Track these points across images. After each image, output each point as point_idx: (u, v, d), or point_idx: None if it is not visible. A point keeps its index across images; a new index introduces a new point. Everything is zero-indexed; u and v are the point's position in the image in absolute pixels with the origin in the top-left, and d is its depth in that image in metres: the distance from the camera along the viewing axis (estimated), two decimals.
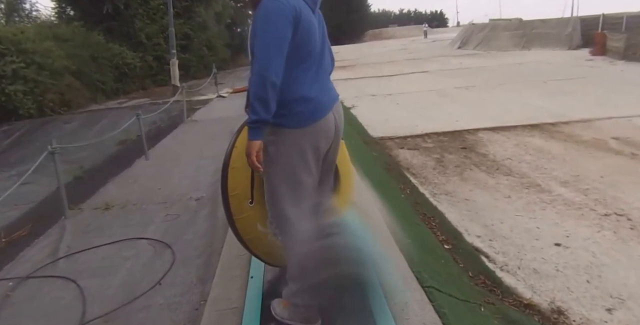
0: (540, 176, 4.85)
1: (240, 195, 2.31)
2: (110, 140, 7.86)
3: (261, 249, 2.47)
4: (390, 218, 3.18)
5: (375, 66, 20.98)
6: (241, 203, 2.32)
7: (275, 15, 1.83)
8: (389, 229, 2.96)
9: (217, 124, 9.18)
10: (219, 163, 5.67)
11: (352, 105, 10.28)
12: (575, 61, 16.77)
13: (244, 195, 2.31)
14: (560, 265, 3.04)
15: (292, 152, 1.99)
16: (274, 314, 2.23)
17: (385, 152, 6.14)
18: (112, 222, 4.35)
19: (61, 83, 14.25)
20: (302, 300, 2.11)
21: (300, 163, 2.01)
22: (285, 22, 1.83)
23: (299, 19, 1.87)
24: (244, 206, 2.32)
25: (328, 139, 2.09)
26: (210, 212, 4.28)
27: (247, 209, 2.32)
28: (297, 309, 2.14)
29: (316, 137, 2.02)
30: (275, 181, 2.05)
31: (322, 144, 2.06)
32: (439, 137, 6.78)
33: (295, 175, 2.02)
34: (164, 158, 6.78)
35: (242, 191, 2.31)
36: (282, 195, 2.05)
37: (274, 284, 2.64)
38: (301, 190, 2.05)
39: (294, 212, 2.05)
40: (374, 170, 5.12)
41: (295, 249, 2.06)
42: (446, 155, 5.84)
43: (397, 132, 7.24)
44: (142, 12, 20.89)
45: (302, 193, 2.06)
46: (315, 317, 2.16)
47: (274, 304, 2.27)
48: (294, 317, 2.15)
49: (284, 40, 1.84)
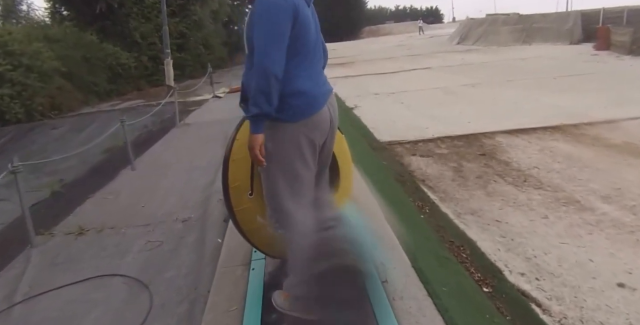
0: (576, 189, 4.24)
1: (240, 187, 2.34)
2: (96, 148, 7.25)
3: (261, 240, 2.52)
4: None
5: (375, 63, 20.32)
6: (241, 195, 2.35)
7: (276, 10, 1.85)
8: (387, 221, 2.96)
9: (211, 128, 8.56)
10: (210, 175, 4.91)
11: (354, 105, 9.65)
12: (580, 56, 16.14)
13: (244, 187, 2.35)
14: (632, 315, 2.43)
15: (289, 146, 2.02)
16: (275, 306, 2.27)
17: (396, 160, 5.53)
18: (84, 251, 3.75)
19: (51, 86, 13.63)
20: (302, 291, 2.15)
21: (298, 157, 2.04)
22: (285, 18, 1.86)
23: (297, 13, 1.89)
24: (244, 198, 2.36)
25: (324, 132, 2.11)
26: (197, 240, 3.67)
27: (247, 201, 2.37)
28: (297, 300, 2.19)
29: (312, 131, 2.04)
30: (274, 175, 2.07)
31: (318, 137, 2.08)
32: (453, 141, 6.16)
33: (293, 169, 2.05)
34: (152, 168, 6.17)
35: (243, 183, 2.34)
36: (280, 189, 2.07)
37: (274, 276, 2.65)
38: (299, 184, 2.08)
39: (293, 206, 2.07)
40: (386, 183, 4.53)
41: (295, 242, 2.10)
42: (464, 163, 5.23)
43: (406, 136, 6.63)
44: (136, 11, 20.22)
45: (300, 186, 2.09)
46: (315, 308, 2.16)
47: (275, 295, 2.31)
48: (295, 308, 2.20)
49: (284, 35, 1.87)
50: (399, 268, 2.55)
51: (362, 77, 15.29)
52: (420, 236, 3.37)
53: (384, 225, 3.11)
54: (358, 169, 4.15)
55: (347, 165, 2.71)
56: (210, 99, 13.19)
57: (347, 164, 2.71)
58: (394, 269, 2.52)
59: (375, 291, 2.26)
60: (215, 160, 5.99)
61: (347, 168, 2.71)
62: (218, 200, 4.41)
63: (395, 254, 2.72)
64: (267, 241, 2.46)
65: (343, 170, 2.63)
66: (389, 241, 2.87)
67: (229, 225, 3.53)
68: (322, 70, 2.22)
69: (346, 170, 2.69)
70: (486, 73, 13.16)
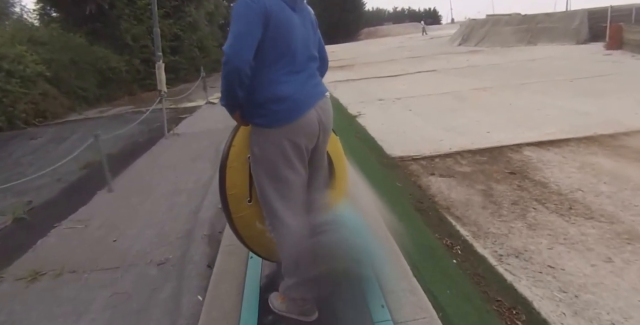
0: (636, 220, 3.49)
1: (238, 194, 2.31)
2: (74, 163, 6.50)
3: (260, 245, 2.50)
4: None
5: (376, 65, 19.57)
6: (240, 201, 2.32)
7: (244, 10, 1.88)
8: (384, 222, 2.82)
9: (201, 139, 7.81)
10: (196, 200, 4.37)
11: (358, 113, 8.88)
12: (593, 56, 15.42)
13: (242, 194, 2.31)
14: None
15: (273, 151, 2.02)
16: (272, 308, 2.28)
17: (412, 181, 4.77)
18: (33, 305, 2.99)
19: (35, 91, 12.83)
20: (298, 294, 2.17)
21: (282, 161, 2.04)
22: (255, 18, 1.87)
23: (270, 16, 1.90)
24: (243, 205, 2.33)
25: (311, 136, 2.09)
26: (172, 295, 2.91)
27: (245, 208, 2.34)
28: (294, 302, 2.20)
29: (297, 135, 2.02)
30: (262, 179, 2.10)
31: (304, 141, 2.06)
32: (475, 156, 5.41)
33: (278, 173, 2.06)
34: (131, 190, 5.41)
35: (240, 190, 2.30)
36: (269, 193, 2.09)
37: (271, 278, 2.66)
38: (287, 188, 2.09)
39: (282, 209, 2.09)
40: (404, 213, 3.78)
41: (286, 245, 2.12)
42: (493, 185, 4.47)
43: (420, 150, 5.87)
44: (128, 12, 19.38)
45: (288, 190, 2.09)
46: (312, 310, 2.20)
47: (272, 297, 2.32)
48: (291, 310, 2.21)
49: (252, 35, 1.87)
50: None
51: (364, 80, 14.54)
52: (458, 292, 2.62)
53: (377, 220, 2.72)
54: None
55: (341, 165, 2.67)
56: (203, 106, 12.42)
57: (341, 165, 2.67)
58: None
59: (372, 293, 2.30)
60: (203, 181, 5.24)
61: (341, 169, 2.67)
62: (202, 236, 3.67)
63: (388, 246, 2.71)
64: (266, 246, 2.46)
65: (338, 171, 2.59)
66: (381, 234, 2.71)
67: (212, 277, 2.82)
68: (314, 74, 2.16)
69: (341, 171, 2.65)
70: (496, 76, 12.42)
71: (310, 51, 2.12)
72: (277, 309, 2.25)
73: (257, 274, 2.74)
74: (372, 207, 2.59)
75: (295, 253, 2.08)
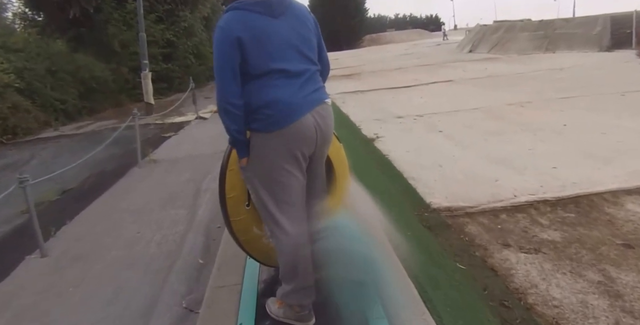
0: None
1: (237, 198, 2.29)
2: (14, 205, 4.93)
3: (257, 250, 2.50)
4: None
5: (385, 74, 18.00)
6: (238, 205, 2.31)
7: (219, 37, 1.93)
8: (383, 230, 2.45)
9: (182, 169, 6.23)
10: (155, 286, 3.30)
11: (375, 136, 7.26)
12: (628, 64, 13.86)
13: (241, 198, 2.30)
14: None
15: (266, 155, 2.01)
16: (269, 313, 2.27)
17: (479, 259, 3.13)
18: None
19: (2, 105, 11.31)
20: (295, 299, 2.16)
21: (277, 166, 2.01)
22: (230, 49, 1.90)
23: (240, 40, 1.90)
24: (241, 208, 2.32)
25: (308, 142, 2.05)
26: None
27: (243, 212, 2.33)
28: (291, 308, 2.18)
29: (291, 140, 2.00)
30: (256, 184, 2.08)
31: (299, 146, 2.03)
32: (556, 210, 3.81)
33: (272, 178, 2.03)
34: (72, 253, 3.83)
35: (239, 193, 2.29)
36: (264, 198, 2.07)
37: (268, 283, 2.65)
38: (282, 193, 2.06)
39: (279, 214, 2.06)
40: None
41: (284, 252, 2.09)
42: (611, 270, 2.85)
43: (473, 196, 4.26)
44: (117, 16, 17.84)
45: (284, 196, 2.06)
46: (309, 316, 2.19)
47: (269, 302, 2.32)
48: (288, 315, 2.19)
49: (229, 63, 1.92)
50: None
51: (374, 92, 12.96)
52: None
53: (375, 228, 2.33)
54: None
55: (343, 173, 2.53)
56: (192, 122, 10.84)
57: (343, 172, 2.53)
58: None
59: (369, 299, 2.27)
60: (170, 244, 3.67)
61: (343, 176, 2.53)
62: None
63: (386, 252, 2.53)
64: (263, 251, 2.46)
65: (339, 178, 2.49)
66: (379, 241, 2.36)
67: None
68: (314, 78, 2.11)
69: (342, 178, 2.52)
70: (528, 88, 10.83)
71: (304, 53, 2.06)
72: (275, 314, 2.25)
73: (254, 278, 2.72)
74: (372, 214, 2.32)
75: (293, 260, 2.07)
